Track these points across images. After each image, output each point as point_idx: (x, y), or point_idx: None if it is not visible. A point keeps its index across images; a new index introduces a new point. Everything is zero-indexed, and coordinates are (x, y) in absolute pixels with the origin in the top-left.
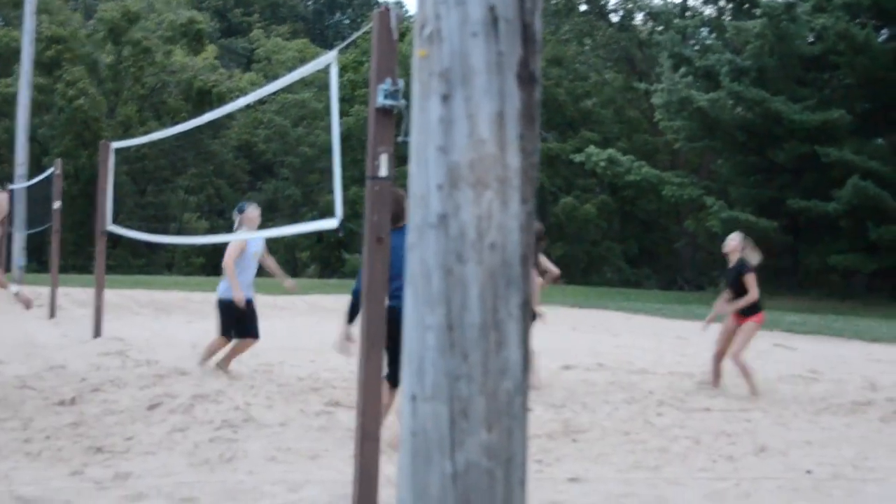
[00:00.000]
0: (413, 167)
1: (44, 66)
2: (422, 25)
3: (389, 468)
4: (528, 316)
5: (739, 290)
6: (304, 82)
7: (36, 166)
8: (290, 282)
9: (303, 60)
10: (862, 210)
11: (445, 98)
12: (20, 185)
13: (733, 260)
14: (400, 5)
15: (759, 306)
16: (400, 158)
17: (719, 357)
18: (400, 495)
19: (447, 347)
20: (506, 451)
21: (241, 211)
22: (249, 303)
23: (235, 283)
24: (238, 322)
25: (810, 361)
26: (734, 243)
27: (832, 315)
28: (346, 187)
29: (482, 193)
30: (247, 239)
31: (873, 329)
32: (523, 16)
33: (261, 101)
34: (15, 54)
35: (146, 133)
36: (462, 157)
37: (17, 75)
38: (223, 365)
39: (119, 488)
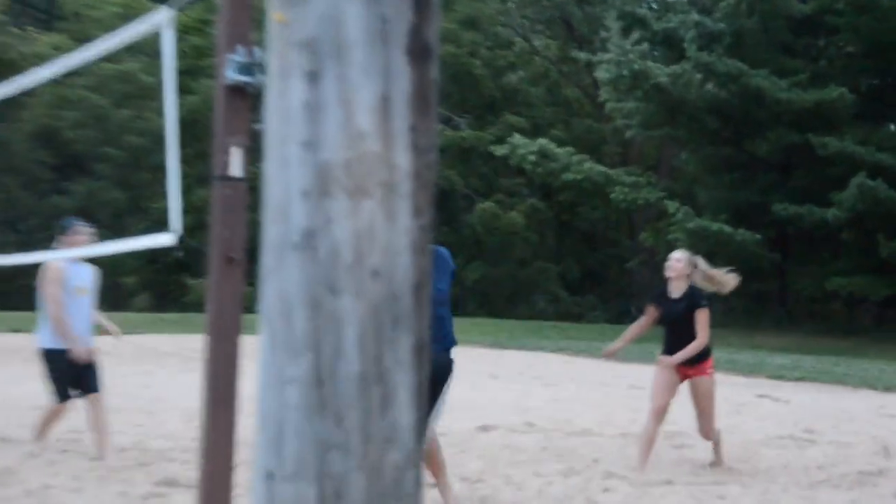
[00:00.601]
0: (270, 168)
1: None
2: None
3: None
4: (424, 364)
5: (687, 329)
6: (130, 49)
7: None
8: (113, 327)
9: (128, 19)
10: (870, 218)
11: (312, 77)
12: None
13: (679, 288)
14: None
15: (708, 349)
16: (259, 152)
17: (659, 415)
18: None
19: (315, 408)
20: None
21: (62, 232)
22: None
23: (67, 327)
24: (76, 378)
25: (804, 418)
26: (680, 265)
27: (832, 356)
28: (188, 190)
29: (361, 203)
30: (60, 268)
31: (886, 375)
32: None
33: (69, 73)
34: None
35: None
36: (334, 155)
37: None
38: (39, 433)
39: None
